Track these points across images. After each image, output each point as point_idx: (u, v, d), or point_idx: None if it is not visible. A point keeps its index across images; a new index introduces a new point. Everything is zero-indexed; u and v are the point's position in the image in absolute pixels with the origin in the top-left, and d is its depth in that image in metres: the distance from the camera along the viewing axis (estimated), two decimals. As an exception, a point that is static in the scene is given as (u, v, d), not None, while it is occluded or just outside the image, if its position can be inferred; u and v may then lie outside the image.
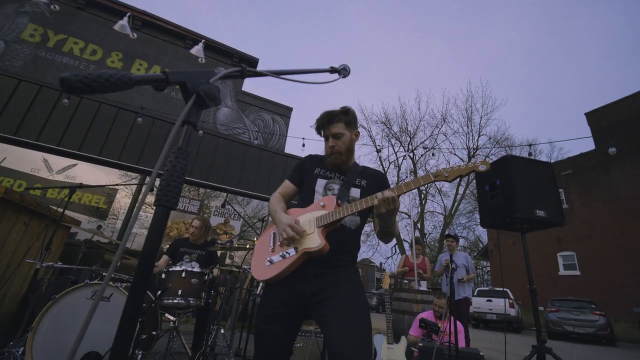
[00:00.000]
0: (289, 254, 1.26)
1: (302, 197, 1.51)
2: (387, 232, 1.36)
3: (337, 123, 1.45)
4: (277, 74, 0.77)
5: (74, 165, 5.63)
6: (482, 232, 24.10)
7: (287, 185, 1.58)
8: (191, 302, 2.30)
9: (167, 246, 3.39)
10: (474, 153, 20.91)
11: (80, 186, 2.51)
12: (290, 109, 8.42)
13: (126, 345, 0.44)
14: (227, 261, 5.58)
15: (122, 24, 6.17)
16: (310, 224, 1.31)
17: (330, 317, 1.15)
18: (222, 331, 2.81)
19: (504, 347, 2.45)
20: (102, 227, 5.28)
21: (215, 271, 3.24)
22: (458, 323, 2.61)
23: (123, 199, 6.10)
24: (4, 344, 2.23)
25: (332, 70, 1.05)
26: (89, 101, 5.69)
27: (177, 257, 3.24)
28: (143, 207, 6.21)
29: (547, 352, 2.18)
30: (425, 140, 21.43)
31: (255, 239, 7.36)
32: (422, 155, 20.38)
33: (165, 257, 3.25)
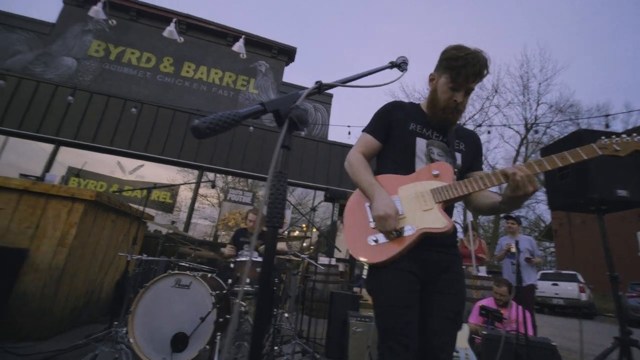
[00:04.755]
0: (402, 234, 1.04)
1: (395, 159, 1.21)
2: (499, 211, 1.11)
3: (480, 78, 1.12)
4: (344, 82, 0.79)
5: (142, 165, 6.27)
6: (544, 210, 22.14)
7: (369, 142, 1.24)
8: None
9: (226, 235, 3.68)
10: (532, 125, 19.02)
11: (155, 186, 2.81)
12: (331, 96, 8.37)
13: (263, 335, 0.51)
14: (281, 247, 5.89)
15: (170, 30, 6.57)
16: (425, 197, 1.08)
17: (433, 312, 1.06)
18: (286, 315, 3.01)
19: (579, 335, 2.29)
20: (175, 222, 5.86)
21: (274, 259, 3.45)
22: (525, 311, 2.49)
23: (183, 193, 6.68)
24: (109, 322, 2.64)
25: (392, 65, 1.03)
26: (149, 106, 6.23)
27: (238, 246, 3.52)
28: (201, 199, 6.74)
29: (633, 344, 2.00)
30: (474, 114, 19.97)
31: (304, 225, 7.63)
32: (471, 132, 19.01)
33: (229, 246, 3.55)
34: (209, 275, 2.59)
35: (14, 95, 5.80)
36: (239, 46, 7.04)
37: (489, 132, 8.68)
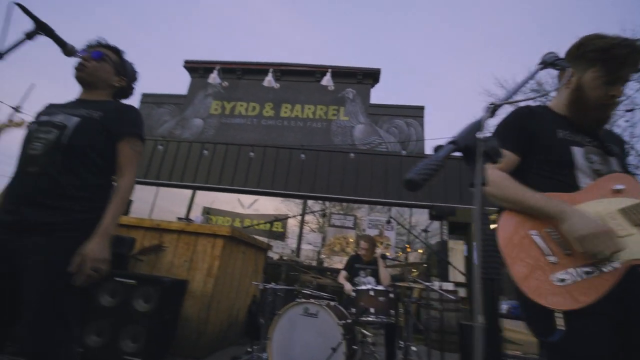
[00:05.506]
0: (604, 269, 0.82)
1: (548, 174, 1.01)
2: None
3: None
4: (509, 98, 0.70)
5: (256, 200, 7.10)
6: None
7: (506, 157, 1.06)
8: (383, 319, 2.41)
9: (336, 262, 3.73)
10: None
11: (277, 219, 3.08)
12: (422, 108, 8.01)
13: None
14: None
15: (268, 79, 7.49)
16: (616, 219, 0.88)
17: None
18: (414, 348, 2.80)
19: None
20: (294, 251, 6.34)
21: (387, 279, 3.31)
22: None
23: (290, 221, 7.20)
24: (250, 345, 2.93)
25: (544, 65, 0.89)
26: (258, 148, 7.12)
27: (353, 272, 3.51)
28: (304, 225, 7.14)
29: None
30: None
31: (407, 246, 7.22)
32: None
33: (343, 273, 3.58)
34: (332, 303, 2.63)
35: (164, 155, 7.44)
36: (327, 80, 7.52)
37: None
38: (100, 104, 1.29)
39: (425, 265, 7.06)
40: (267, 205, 7.30)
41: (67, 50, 1.14)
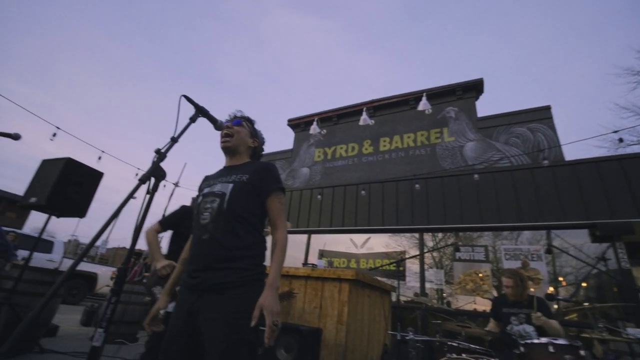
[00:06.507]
0: None
1: None
2: None
3: None
4: None
5: (369, 238, 6.94)
6: None
7: None
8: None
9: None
10: None
11: (402, 258, 2.83)
12: (548, 108, 6.69)
13: None
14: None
15: (363, 118, 7.64)
16: None
17: None
18: None
19: None
20: (428, 296, 5.78)
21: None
22: None
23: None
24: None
25: None
26: (362, 185, 7.12)
27: (503, 319, 2.86)
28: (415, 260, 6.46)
29: None
30: None
31: (562, 279, 5.63)
32: None
33: (493, 321, 2.96)
34: (492, 360, 2.13)
35: (281, 205, 8.20)
36: (423, 104, 7.18)
37: None
38: (245, 166, 1.46)
39: (594, 304, 5.39)
40: (376, 243, 7.02)
41: (218, 125, 1.33)
